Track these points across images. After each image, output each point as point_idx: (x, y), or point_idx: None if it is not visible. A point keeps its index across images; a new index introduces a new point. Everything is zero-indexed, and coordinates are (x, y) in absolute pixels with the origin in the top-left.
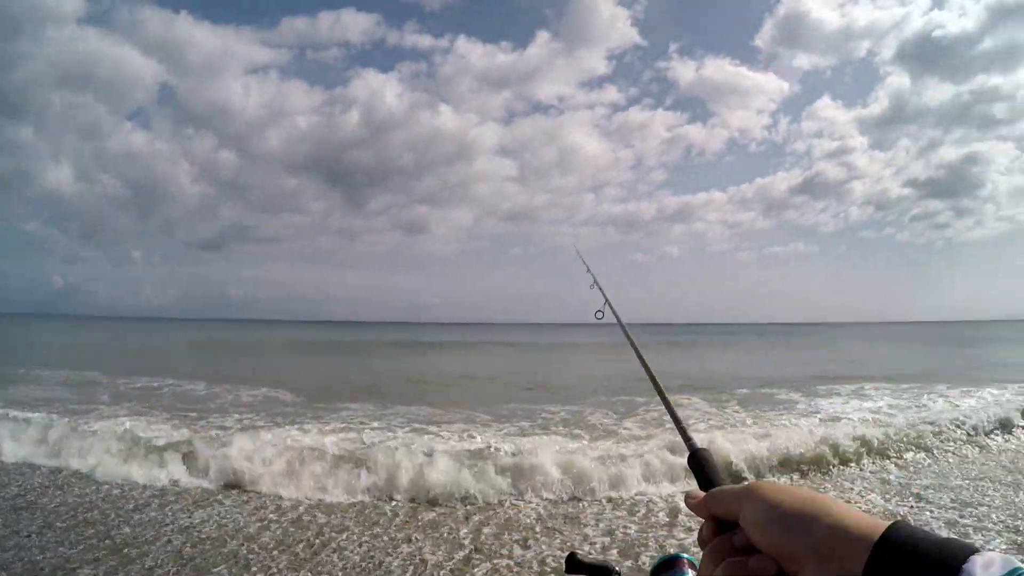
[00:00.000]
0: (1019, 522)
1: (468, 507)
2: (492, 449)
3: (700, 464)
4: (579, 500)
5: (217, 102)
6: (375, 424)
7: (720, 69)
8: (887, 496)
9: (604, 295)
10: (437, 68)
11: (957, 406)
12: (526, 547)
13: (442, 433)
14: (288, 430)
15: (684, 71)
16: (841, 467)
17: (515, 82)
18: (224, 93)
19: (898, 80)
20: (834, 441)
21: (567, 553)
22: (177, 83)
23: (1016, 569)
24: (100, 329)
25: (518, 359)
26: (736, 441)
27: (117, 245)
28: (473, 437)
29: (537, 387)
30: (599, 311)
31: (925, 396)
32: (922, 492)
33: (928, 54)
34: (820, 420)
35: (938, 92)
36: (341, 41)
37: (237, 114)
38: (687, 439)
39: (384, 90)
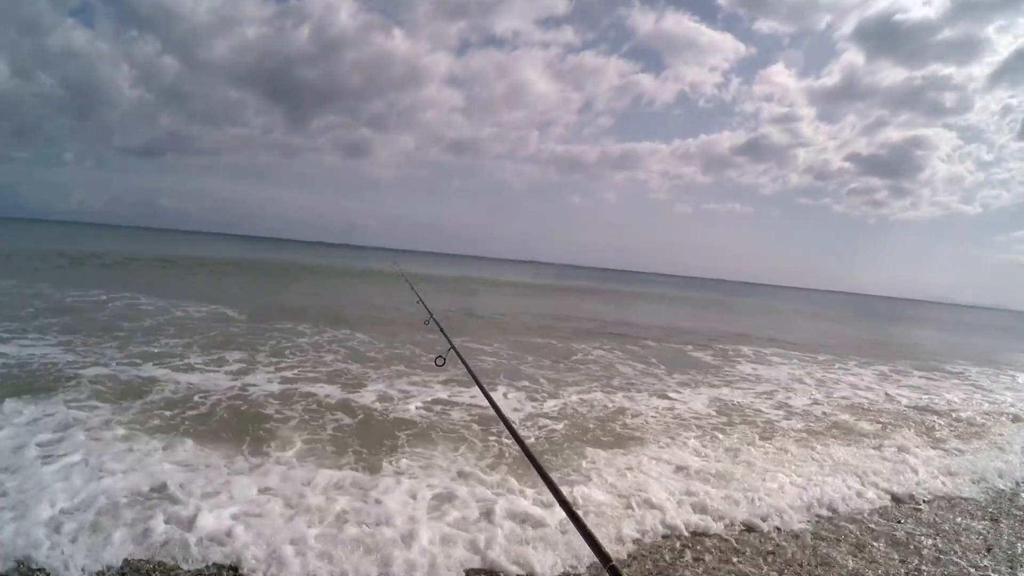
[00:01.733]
0: None
1: None
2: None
3: None
4: None
5: (165, 4)
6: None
7: (679, 23)
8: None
9: (447, 338)
10: None
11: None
12: None
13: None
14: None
15: (644, 21)
16: None
17: (473, 12)
18: None
19: (853, 57)
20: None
21: None
22: None
23: None
24: (35, 233)
25: (456, 294)
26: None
27: (49, 146)
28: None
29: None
30: (440, 357)
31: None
32: None
33: (886, 35)
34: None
35: (891, 74)
36: None
37: (185, 19)
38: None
39: (340, 6)
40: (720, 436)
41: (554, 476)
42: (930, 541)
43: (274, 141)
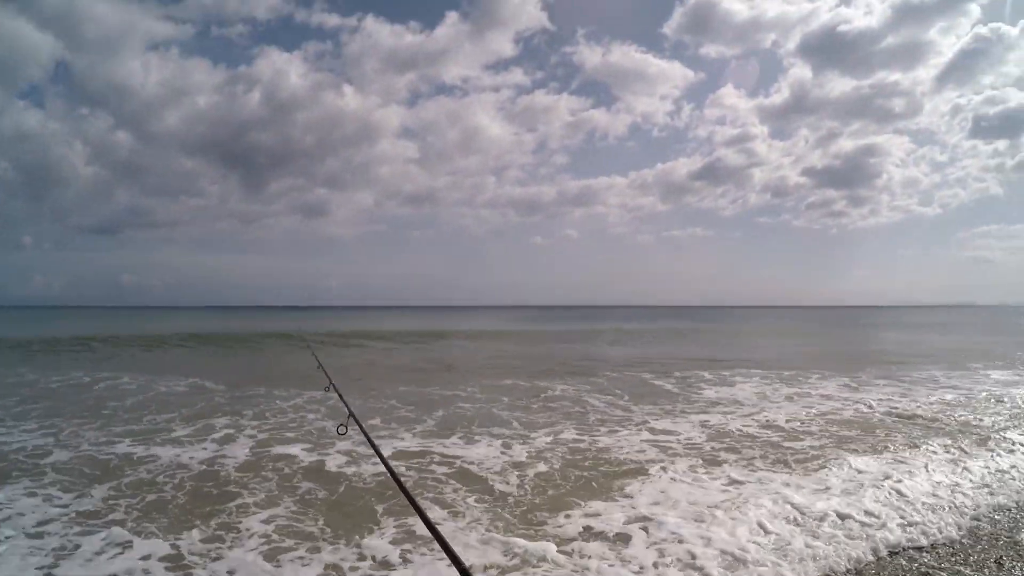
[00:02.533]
0: None
1: None
2: None
3: None
4: None
5: (115, 80)
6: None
7: (626, 55)
8: None
9: (346, 405)
10: (343, 48)
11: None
12: None
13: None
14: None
15: (591, 55)
16: None
17: (421, 63)
18: (123, 71)
19: (801, 72)
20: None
21: None
22: (74, 60)
23: None
24: (2, 319)
25: (424, 349)
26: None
27: (7, 231)
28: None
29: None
30: (342, 425)
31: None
32: None
33: (831, 48)
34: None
35: (839, 84)
36: (248, 17)
37: (135, 93)
38: None
39: (289, 69)
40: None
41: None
42: None
43: (231, 209)
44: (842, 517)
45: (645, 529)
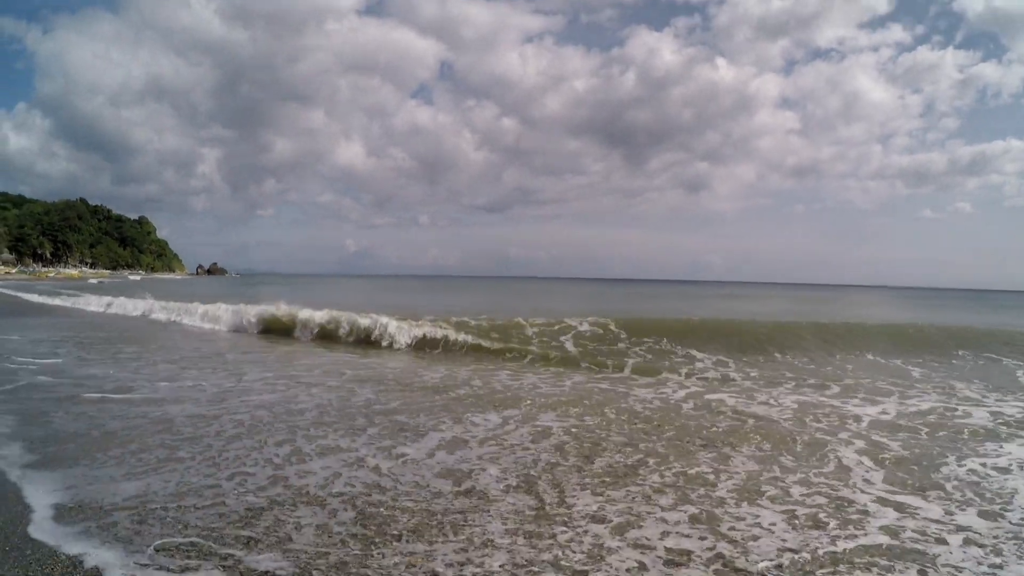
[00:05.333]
0: None
1: None
2: None
3: None
4: None
5: (495, 73)
6: None
7: None
8: None
9: None
10: (712, 20)
11: None
12: None
13: None
14: None
15: (972, 2)
16: None
17: (793, 28)
18: (502, 63)
19: None
20: None
21: None
22: (455, 59)
23: None
24: (407, 285)
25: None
26: None
27: (406, 211)
28: None
29: None
30: None
31: None
32: None
33: None
34: None
35: None
36: (615, 1)
37: (516, 83)
38: None
39: (660, 47)
40: None
41: None
42: None
43: (614, 185)
44: None
45: None
